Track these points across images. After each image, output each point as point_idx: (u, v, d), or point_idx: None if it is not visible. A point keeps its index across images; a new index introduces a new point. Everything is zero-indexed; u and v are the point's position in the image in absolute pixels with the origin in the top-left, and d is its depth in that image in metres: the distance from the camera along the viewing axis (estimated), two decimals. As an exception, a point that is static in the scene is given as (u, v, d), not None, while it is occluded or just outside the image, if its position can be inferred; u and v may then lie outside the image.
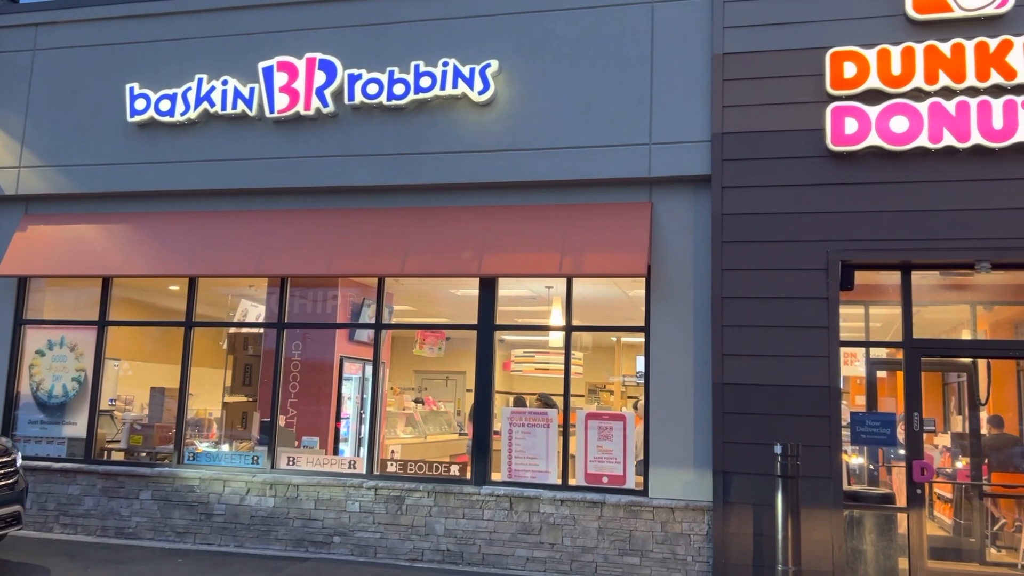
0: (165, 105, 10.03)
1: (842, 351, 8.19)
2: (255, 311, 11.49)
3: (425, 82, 9.27)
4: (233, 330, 11.37)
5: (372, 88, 9.41)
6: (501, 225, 9.05)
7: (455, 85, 9.19)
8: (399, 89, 9.34)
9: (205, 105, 9.91)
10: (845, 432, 8.23)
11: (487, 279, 9.17)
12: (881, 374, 9.64)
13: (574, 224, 8.84)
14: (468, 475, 8.96)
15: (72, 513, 9.77)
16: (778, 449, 7.49)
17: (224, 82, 9.87)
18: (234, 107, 9.81)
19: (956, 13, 8.04)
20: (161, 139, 10.11)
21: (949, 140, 7.87)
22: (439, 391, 16.55)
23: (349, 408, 10.72)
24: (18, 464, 8.39)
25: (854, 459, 9.32)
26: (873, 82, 8.09)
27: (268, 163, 9.74)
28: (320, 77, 9.57)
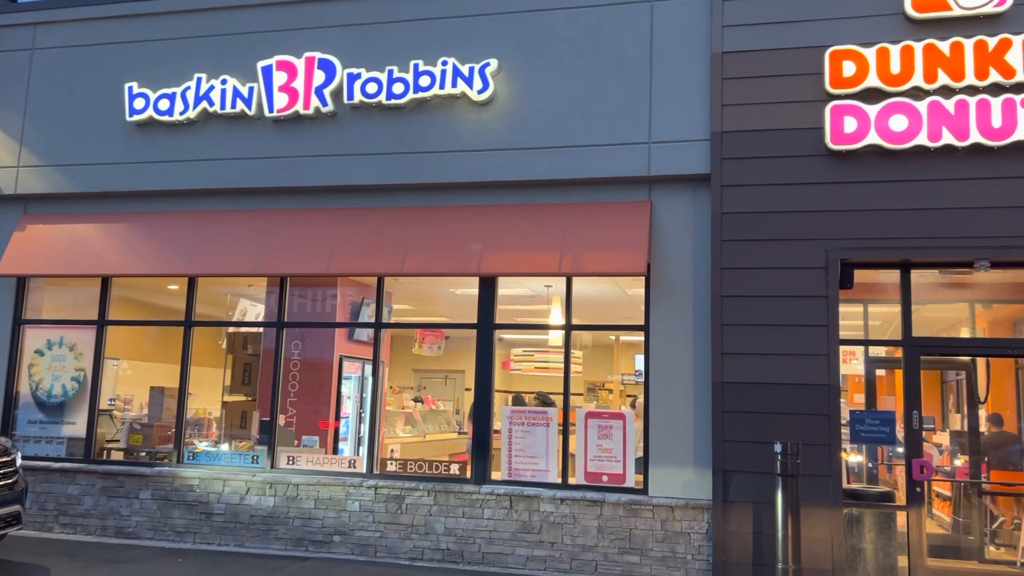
0: (164, 104, 10.02)
1: (841, 349, 8.20)
2: (254, 310, 11.48)
3: (424, 81, 9.27)
4: (232, 329, 11.36)
5: (371, 87, 9.41)
6: (501, 224, 9.06)
7: (454, 84, 9.19)
8: (398, 88, 9.34)
9: (204, 104, 9.90)
10: (844, 430, 8.25)
11: (487, 278, 9.17)
12: (880, 372, 9.65)
13: (574, 223, 8.85)
14: (468, 474, 8.97)
15: (72, 513, 9.77)
16: (778, 447, 7.50)
17: (223, 81, 9.86)
18: (233, 106, 9.80)
19: (955, 12, 8.05)
20: (160, 138, 10.11)
21: (948, 139, 7.88)
22: (438, 390, 16.56)
23: (349, 407, 10.72)
24: (18, 464, 8.39)
25: (852, 457, 9.33)
26: (872, 81, 8.10)
27: (267, 162, 9.73)
28: (319, 76, 9.56)
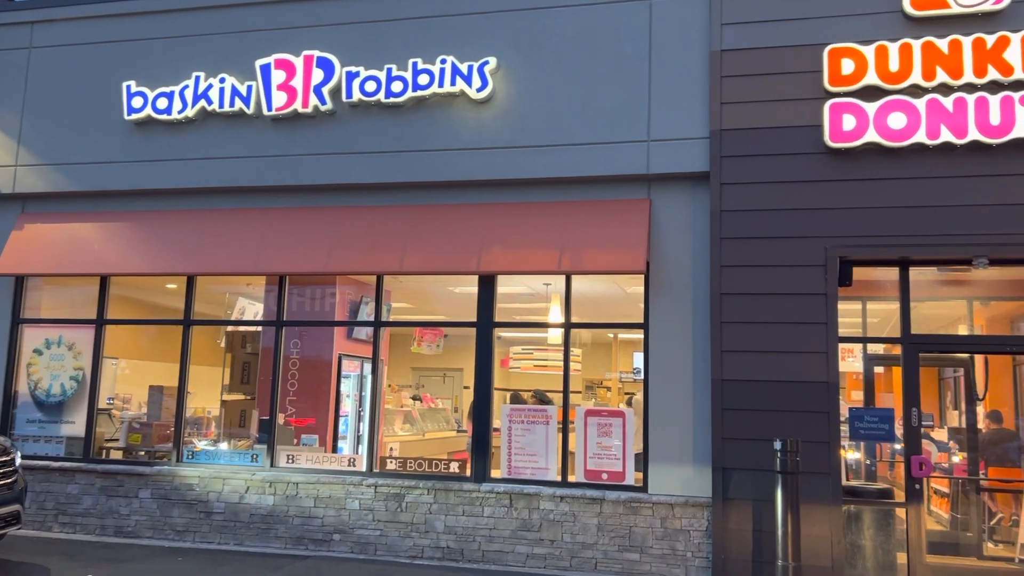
0: (162, 103, 10.01)
1: (839, 347, 8.21)
2: (253, 309, 11.47)
3: (423, 79, 9.26)
4: (231, 328, 11.36)
5: (370, 86, 9.41)
6: (500, 222, 9.06)
7: (453, 82, 9.19)
8: (397, 87, 9.34)
9: (203, 103, 9.89)
10: (843, 428, 8.26)
11: (486, 276, 9.18)
12: (878, 369, 9.67)
13: (573, 221, 8.85)
14: (468, 472, 8.97)
15: (71, 512, 9.76)
16: (777, 445, 7.52)
17: (222, 80, 9.85)
18: (232, 105, 9.79)
19: (953, 9, 8.06)
20: (158, 137, 10.09)
21: (947, 136, 7.89)
22: (436, 388, 16.57)
23: (348, 406, 10.72)
24: (17, 463, 8.38)
25: (850, 454, 9.34)
26: (871, 78, 8.10)
27: (266, 161, 9.73)
28: (318, 75, 9.56)
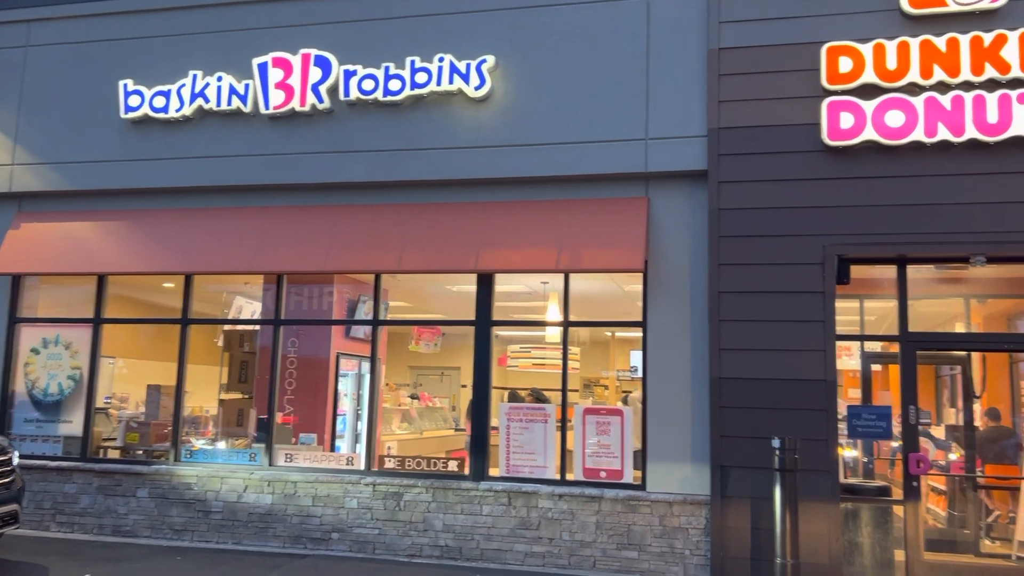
0: (159, 102, 9.98)
1: (837, 345, 8.22)
2: (250, 308, 11.45)
3: (421, 78, 9.26)
4: (228, 327, 11.34)
5: (368, 84, 9.39)
6: (498, 221, 9.05)
7: (451, 81, 9.18)
8: (395, 85, 9.33)
9: (200, 101, 9.87)
10: (841, 425, 8.27)
11: (484, 275, 9.17)
12: (875, 367, 9.68)
13: (571, 219, 8.85)
14: (466, 471, 8.97)
15: (69, 511, 9.75)
16: (776, 443, 7.53)
17: (219, 78, 9.83)
18: (229, 103, 9.78)
19: (951, 8, 8.06)
20: (155, 136, 10.08)
21: (944, 134, 7.90)
22: (434, 387, 16.56)
23: (346, 404, 10.71)
24: (15, 463, 8.37)
25: (847, 452, 9.35)
26: (868, 77, 8.11)
27: (263, 160, 9.71)
28: (315, 73, 9.54)
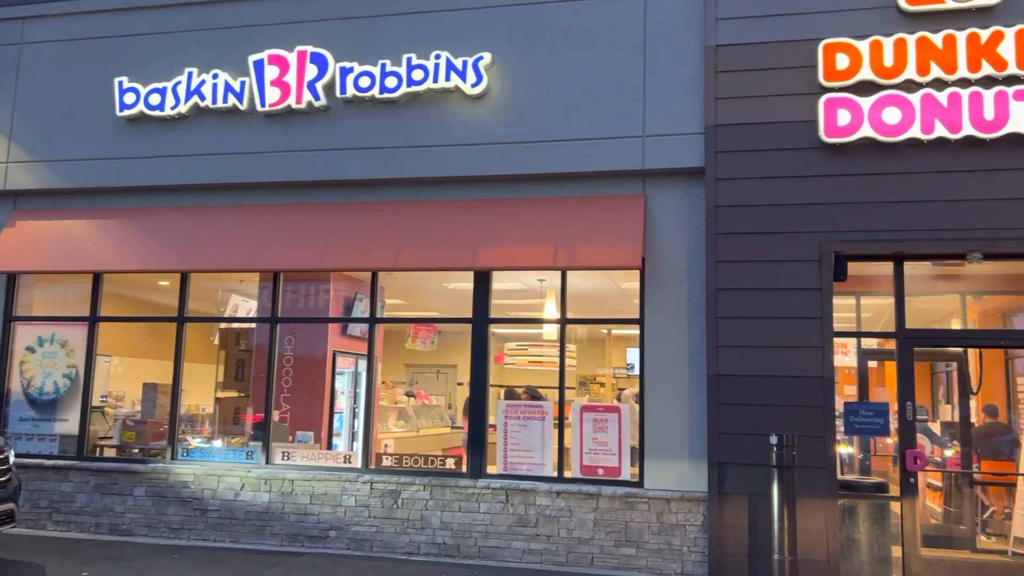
0: (155, 99, 9.95)
1: (834, 341, 8.22)
2: (246, 306, 11.43)
3: (417, 75, 9.24)
4: (224, 325, 11.31)
5: (364, 81, 9.37)
6: (495, 218, 9.04)
7: (448, 78, 9.16)
8: (391, 82, 9.31)
9: (195, 99, 9.84)
10: (838, 422, 8.28)
11: (481, 272, 9.16)
12: (872, 364, 9.70)
13: (568, 217, 8.84)
14: (464, 468, 8.97)
15: (65, 510, 9.72)
16: (773, 439, 7.53)
17: (214, 76, 9.80)
18: (225, 101, 9.75)
19: (947, 4, 8.07)
20: (151, 133, 10.04)
21: (941, 131, 7.91)
22: (430, 385, 16.55)
23: (342, 402, 10.70)
24: (11, 462, 8.34)
25: (843, 448, 9.36)
26: (865, 73, 8.11)
27: (260, 157, 9.69)
28: (311, 70, 9.52)
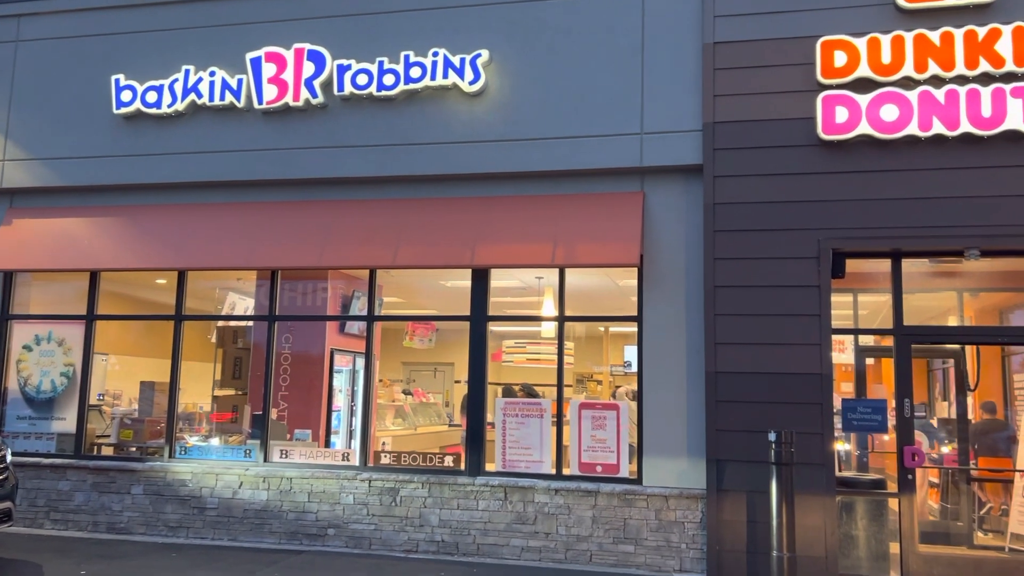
0: (152, 97, 9.92)
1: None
2: (243, 304, 11.41)
3: (415, 72, 9.22)
4: (222, 323, 11.29)
5: (362, 79, 9.36)
6: (493, 216, 9.03)
7: (445, 75, 9.15)
8: (389, 80, 9.29)
9: (192, 97, 9.81)
10: (835, 419, 8.29)
11: (479, 270, 9.15)
12: (869, 361, 9.71)
13: (566, 214, 8.84)
14: (462, 466, 8.96)
15: (63, 509, 9.70)
16: (772, 436, 7.54)
17: (211, 73, 9.78)
18: (222, 98, 9.72)
19: (945, 2, 8.07)
20: (148, 131, 10.02)
21: (939, 128, 7.92)
22: (427, 383, 16.53)
23: (340, 400, 10.69)
24: (8, 460, 8.33)
25: (840, 445, 9.37)
26: (863, 71, 8.12)
27: (257, 155, 9.67)
28: (309, 68, 9.50)
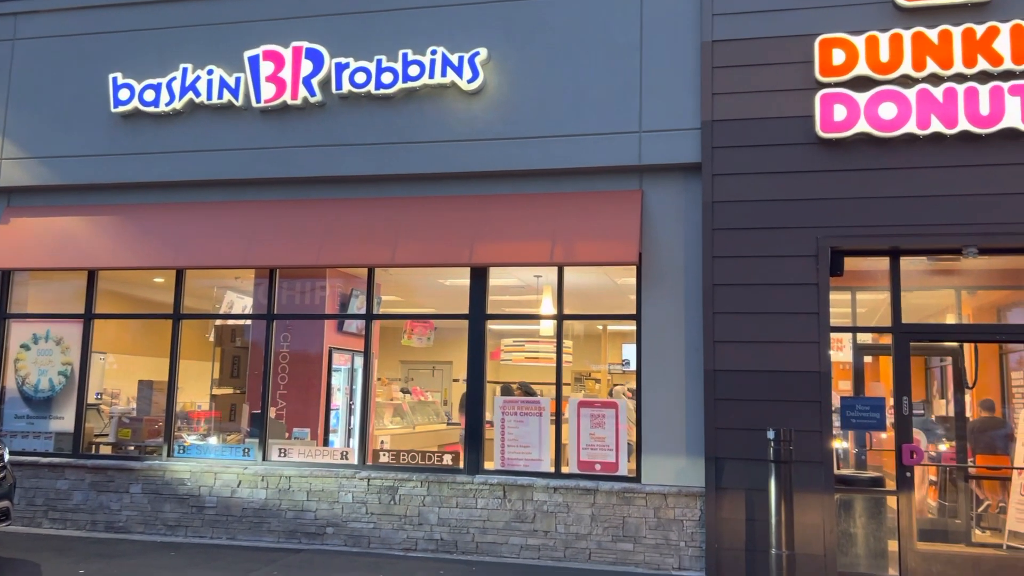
0: (149, 95, 9.91)
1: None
2: (241, 303, 11.41)
3: (413, 71, 9.21)
4: (220, 322, 11.28)
5: (360, 77, 9.35)
6: (492, 214, 9.03)
7: (444, 74, 9.14)
8: (387, 78, 9.28)
9: (190, 95, 9.80)
10: (834, 417, 8.31)
11: (478, 268, 9.15)
12: (867, 359, 9.72)
13: (565, 212, 8.84)
14: (461, 464, 8.96)
15: (61, 508, 9.69)
16: (771, 434, 7.54)
17: (209, 71, 9.76)
18: (220, 97, 9.71)
19: (943, 0, 8.08)
20: (146, 130, 10.00)
21: (937, 126, 7.93)
22: (425, 381, 16.54)
23: (339, 399, 10.69)
24: (6, 459, 8.31)
25: (838, 443, 9.38)
26: (862, 69, 8.12)
27: (255, 153, 9.66)
28: (307, 66, 9.49)
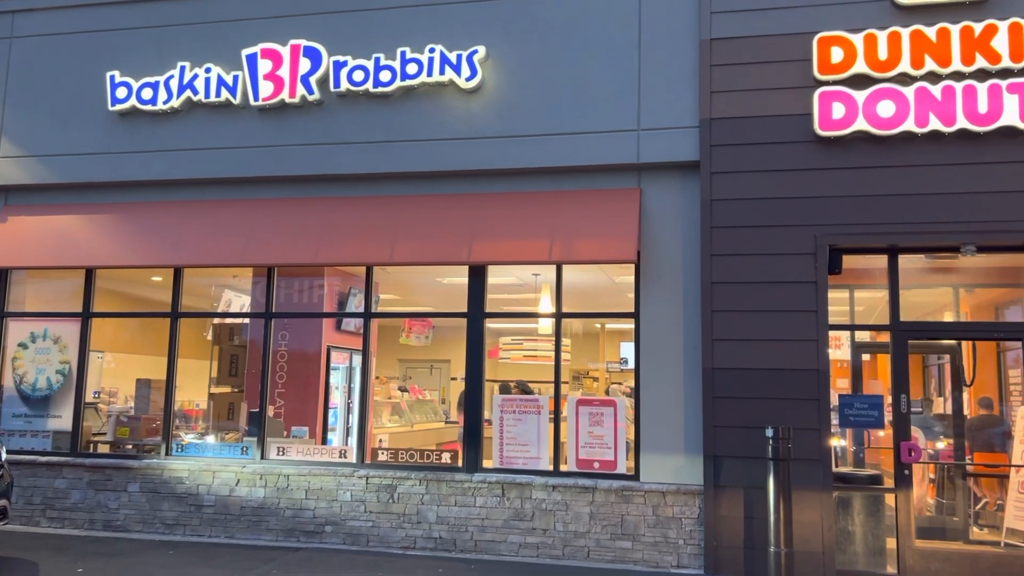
0: (147, 93, 9.89)
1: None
2: (239, 301, 11.40)
3: (411, 69, 9.21)
4: (218, 321, 11.27)
5: (358, 75, 9.34)
6: (490, 212, 9.03)
7: (442, 72, 9.14)
8: (385, 76, 9.28)
9: (188, 93, 9.79)
10: (832, 415, 8.31)
11: (476, 267, 9.14)
12: (865, 357, 9.73)
13: (563, 210, 8.84)
14: (460, 463, 8.96)
15: (59, 507, 9.67)
16: (769, 432, 7.56)
17: (207, 70, 9.75)
18: (218, 95, 9.70)
19: (941, -2, 8.11)
20: (143, 128, 9.99)
21: (935, 124, 7.94)
22: (424, 380, 16.54)
23: (337, 398, 10.69)
24: (3, 458, 8.30)
25: (836, 441, 9.39)
26: (860, 67, 8.13)
27: (253, 152, 9.65)
28: (305, 64, 9.48)
